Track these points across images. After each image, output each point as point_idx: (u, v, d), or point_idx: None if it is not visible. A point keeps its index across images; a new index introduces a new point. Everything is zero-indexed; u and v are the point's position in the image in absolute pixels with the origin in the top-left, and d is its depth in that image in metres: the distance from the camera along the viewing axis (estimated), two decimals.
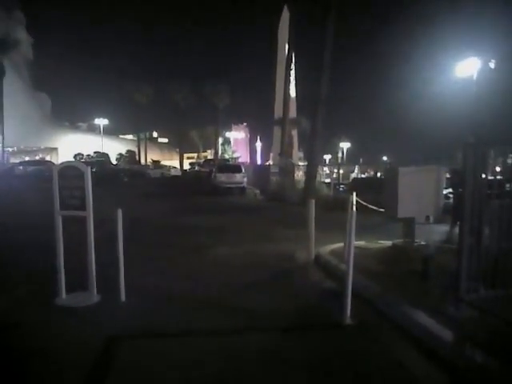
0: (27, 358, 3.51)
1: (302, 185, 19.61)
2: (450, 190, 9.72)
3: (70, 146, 63.69)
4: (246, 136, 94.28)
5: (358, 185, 19.57)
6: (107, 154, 52.64)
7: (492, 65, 21.12)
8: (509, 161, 4.28)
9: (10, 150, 64.22)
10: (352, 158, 70.97)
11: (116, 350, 3.66)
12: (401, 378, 3.23)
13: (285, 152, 26.06)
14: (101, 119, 60.73)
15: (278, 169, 23.58)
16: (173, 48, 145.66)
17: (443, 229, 8.23)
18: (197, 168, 47.86)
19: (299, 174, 23.02)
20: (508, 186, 4.31)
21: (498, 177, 4.36)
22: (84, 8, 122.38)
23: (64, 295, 4.80)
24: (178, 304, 4.79)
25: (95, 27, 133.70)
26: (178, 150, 71.02)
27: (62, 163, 5.10)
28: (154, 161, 59.51)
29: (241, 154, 76.63)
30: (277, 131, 43.40)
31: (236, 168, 23.57)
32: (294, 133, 46.09)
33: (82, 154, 55.51)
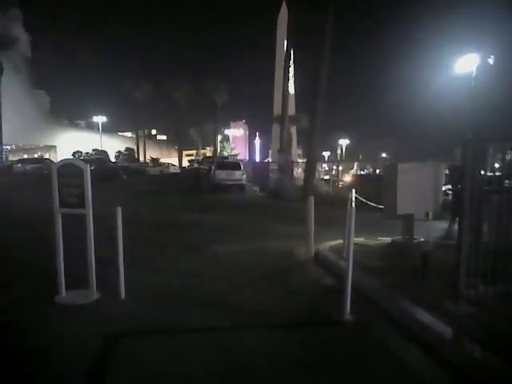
0: (26, 356, 3.50)
1: (301, 182, 19.60)
2: (449, 186, 9.74)
3: (69, 143, 63.59)
4: (245, 133, 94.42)
5: (356, 182, 19.58)
6: (106, 152, 52.60)
7: (491, 61, 21.05)
8: (508, 157, 4.27)
9: (9, 147, 64.16)
10: (351, 155, 71.00)
11: (115, 348, 3.66)
12: (399, 373, 3.24)
13: (284, 149, 25.97)
14: (99, 116, 60.49)
15: (277, 166, 23.55)
16: (172, 45, 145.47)
17: (442, 225, 8.25)
18: (196, 165, 47.80)
19: (298, 171, 23.01)
20: (507, 182, 4.32)
21: (497, 173, 4.37)
22: (82, 5, 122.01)
23: (64, 293, 4.80)
24: (177, 301, 4.80)
25: (94, 24, 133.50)
26: (176, 147, 71.01)
27: (61, 161, 5.08)
28: (152, 158, 59.51)
29: (240, 151, 76.64)
30: (276, 128, 43.25)
31: (235, 165, 23.53)
32: (293, 130, 45.93)
33: (81, 152, 55.49)
